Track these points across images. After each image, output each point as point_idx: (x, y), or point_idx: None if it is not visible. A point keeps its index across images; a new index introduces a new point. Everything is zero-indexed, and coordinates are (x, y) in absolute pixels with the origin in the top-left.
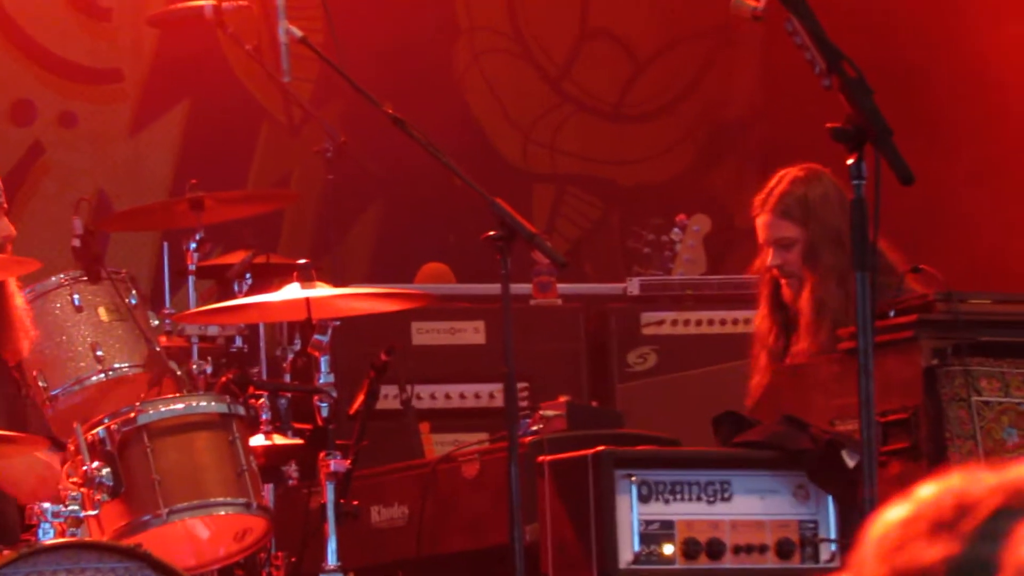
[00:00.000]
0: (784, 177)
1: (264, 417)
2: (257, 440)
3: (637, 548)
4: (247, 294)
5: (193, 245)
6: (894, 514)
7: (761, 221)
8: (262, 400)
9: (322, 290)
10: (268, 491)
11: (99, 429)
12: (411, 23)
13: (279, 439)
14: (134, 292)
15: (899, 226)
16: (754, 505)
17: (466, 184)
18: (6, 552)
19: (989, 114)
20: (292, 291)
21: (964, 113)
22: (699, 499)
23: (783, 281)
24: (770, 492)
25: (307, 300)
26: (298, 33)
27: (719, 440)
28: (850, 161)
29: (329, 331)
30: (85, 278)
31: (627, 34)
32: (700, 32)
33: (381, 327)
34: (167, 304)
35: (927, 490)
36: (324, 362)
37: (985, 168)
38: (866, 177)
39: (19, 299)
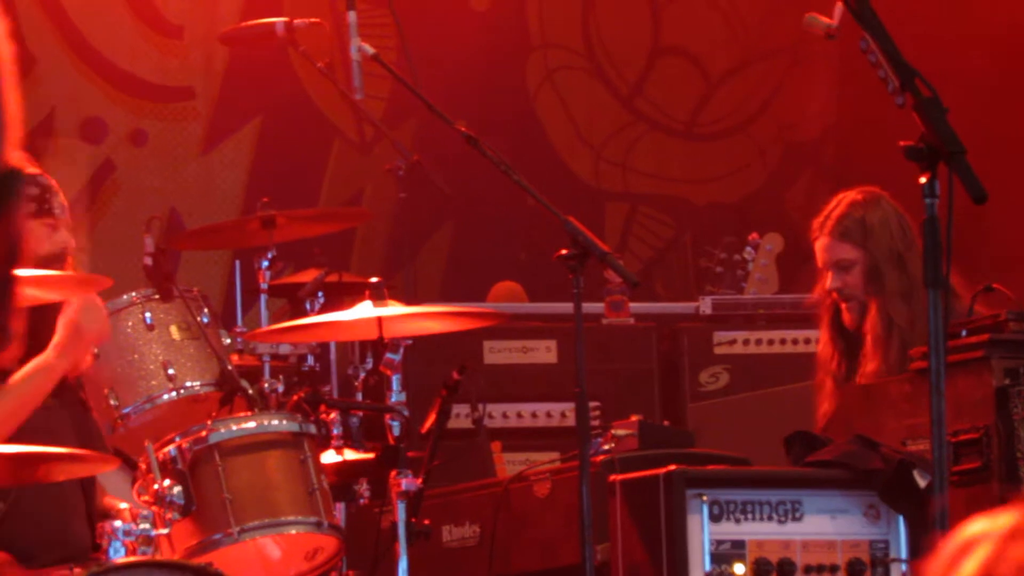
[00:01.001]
0: (842, 200)
1: (335, 432)
2: (328, 456)
3: (708, 568)
4: (319, 313)
5: (265, 263)
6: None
7: (820, 244)
8: (333, 417)
9: (394, 309)
10: (339, 510)
11: (170, 447)
12: (484, 41)
13: (350, 454)
14: (206, 310)
15: (969, 245)
16: (825, 525)
17: (539, 202)
18: (77, 570)
19: None
20: (364, 310)
21: None
22: (770, 519)
23: (843, 305)
24: (841, 512)
25: (379, 319)
26: (370, 50)
27: (790, 459)
28: (923, 180)
29: (401, 350)
30: (157, 296)
31: (700, 52)
32: (773, 50)
33: (453, 346)
34: (239, 322)
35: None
36: (396, 381)
37: None
38: (939, 196)
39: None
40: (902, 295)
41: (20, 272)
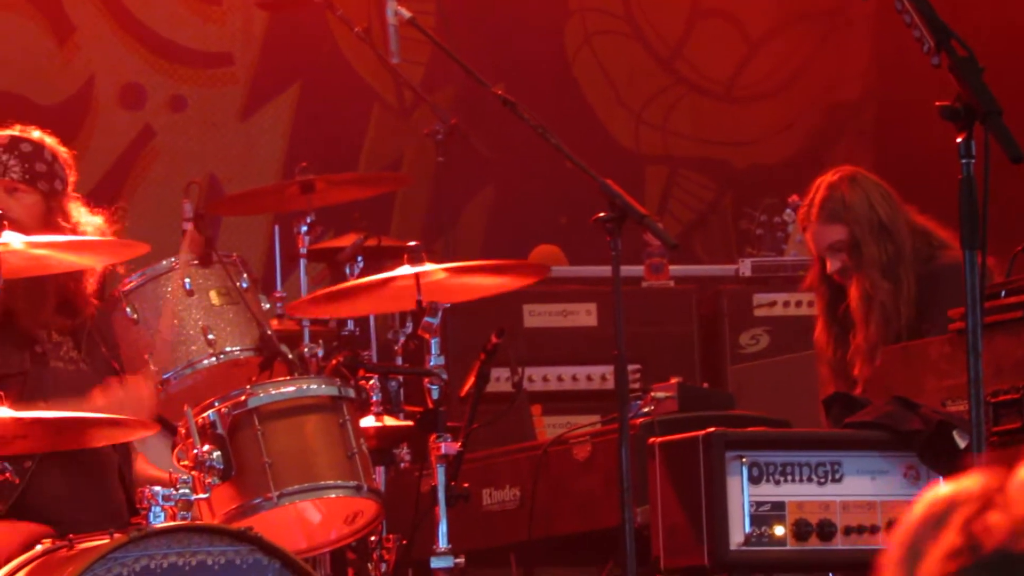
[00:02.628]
0: (820, 185)
1: (375, 399)
2: (368, 422)
3: (748, 529)
4: (358, 277)
5: (304, 228)
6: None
7: (809, 234)
8: (373, 382)
9: (431, 266)
10: (379, 474)
11: (210, 412)
12: (522, 4)
13: (390, 420)
14: (245, 275)
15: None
16: (865, 486)
17: (577, 166)
18: (117, 535)
19: None
20: (401, 271)
21: None
22: (810, 480)
23: (847, 284)
24: (881, 473)
25: (417, 280)
26: (407, 14)
27: (830, 421)
28: (959, 139)
29: (440, 314)
30: (196, 262)
31: (739, 14)
32: (812, 12)
33: (492, 309)
34: (278, 287)
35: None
36: (435, 344)
37: None
38: (975, 155)
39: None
40: (881, 268)
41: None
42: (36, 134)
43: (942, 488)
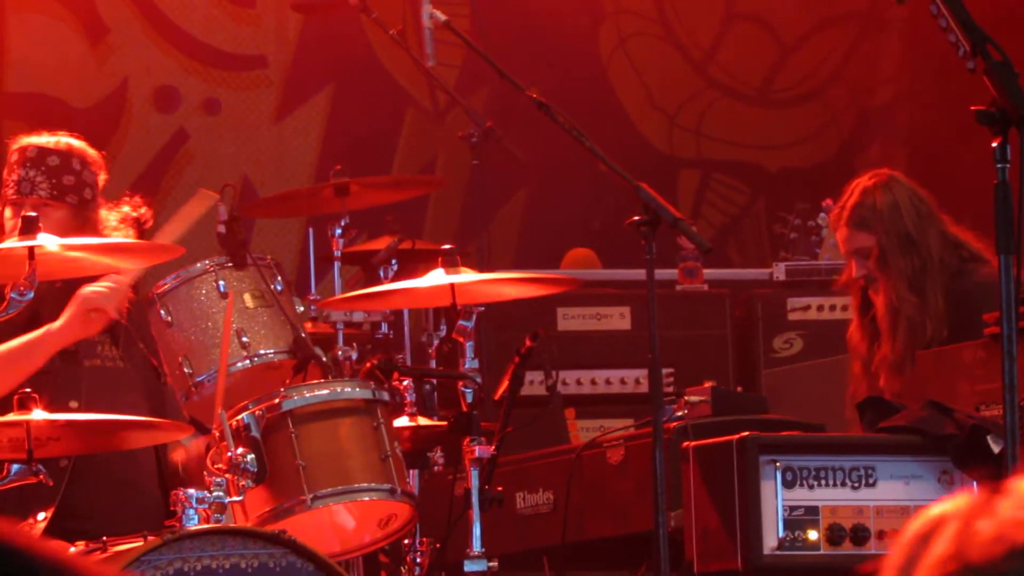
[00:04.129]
0: (855, 188)
1: (409, 400)
2: (402, 422)
3: (782, 534)
4: (392, 280)
5: (338, 231)
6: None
7: (840, 236)
8: (407, 383)
9: (467, 275)
10: (413, 477)
11: (244, 415)
12: (556, 7)
13: (423, 421)
14: (279, 278)
15: None
16: (899, 491)
17: (611, 169)
18: (151, 538)
19: None
20: (437, 277)
21: None
22: (844, 484)
23: (871, 291)
24: (915, 478)
25: (452, 286)
26: (442, 17)
27: (864, 425)
28: (994, 144)
29: (474, 317)
30: (230, 264)
31: (773, 18)
32: (845, 16)
33: (526, 312)
34: (312, 290)
35: None
36: (469, 348)
37: None
38: (1011, 160)
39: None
40: (909, 280)
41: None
42: (64, 140)
43: (934, 508)
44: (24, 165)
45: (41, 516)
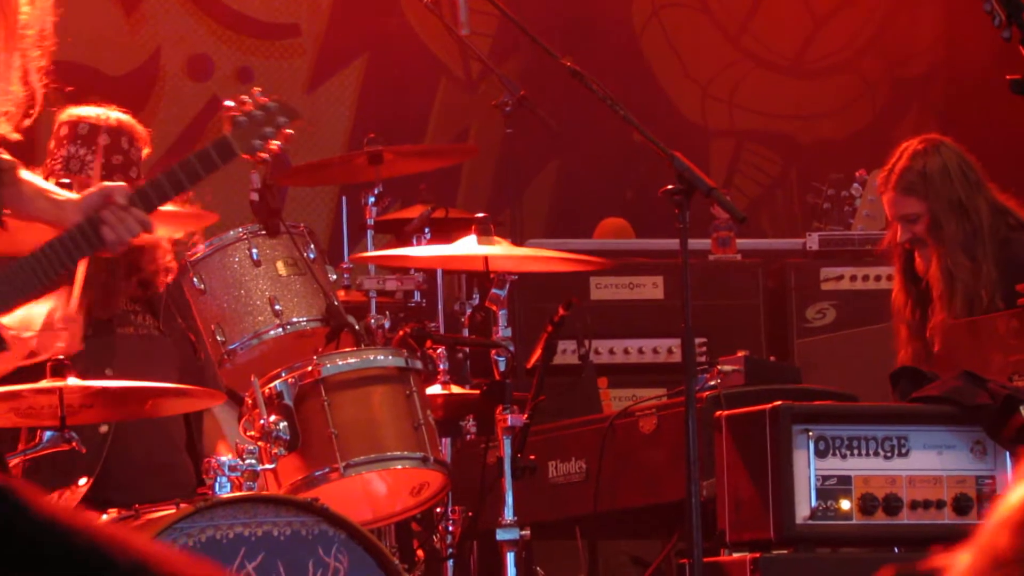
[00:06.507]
0: (904, 152)
1: (442, 368)
2: (435, 389)
3: (814, 503)
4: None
5: (371, 199)
6: None
7: (886, 199)
8: (439, 351)
9: (499, 247)
10: (445, 445)
11: (277, 383)
12: None
13: (456, 389)
14: (312, 246)
15: None
16: (931, 460)
17: (645, 138)
18: (184, 505)
19: None
20: (469, 245)
21: None
22: (876, 454)
23: (916, 252)
24: (948, 447)
25: (485, 257)
26: None
27: (897, 395)
28: None
29: (507, 285)
30: (263, 232)
31: None
32: None
33: (559, 282)
34: (345, 258)
35: None
36: (502, 316)
37: None
38: None
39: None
40: (962, 245)
41: None
42: (114, 116)
43: None
44: (75, 142)
45: (83, 482)
